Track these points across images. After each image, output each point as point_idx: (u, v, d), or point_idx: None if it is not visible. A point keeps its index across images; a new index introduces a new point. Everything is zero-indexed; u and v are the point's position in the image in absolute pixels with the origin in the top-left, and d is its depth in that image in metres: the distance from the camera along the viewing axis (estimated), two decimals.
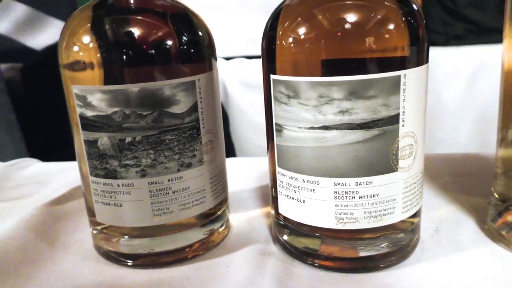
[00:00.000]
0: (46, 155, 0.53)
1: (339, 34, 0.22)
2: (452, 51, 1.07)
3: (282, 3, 0.25)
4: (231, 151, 1.05)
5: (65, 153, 0.46)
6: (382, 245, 0.25)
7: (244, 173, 0.42)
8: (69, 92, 0.25)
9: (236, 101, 1.09)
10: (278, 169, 0.26)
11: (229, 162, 0.45)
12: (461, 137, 1.05)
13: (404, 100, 0.23)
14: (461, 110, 1.04)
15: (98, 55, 0.24)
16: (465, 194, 0.34)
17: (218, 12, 1.10)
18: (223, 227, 0.30)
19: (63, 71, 0.26)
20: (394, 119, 0.23)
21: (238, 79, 1.08)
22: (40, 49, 1.02)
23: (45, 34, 1.03)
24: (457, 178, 0.37)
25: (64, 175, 0.42)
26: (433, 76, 1.04)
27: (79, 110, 0.25)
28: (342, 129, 0.23)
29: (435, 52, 1.07)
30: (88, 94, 0.24)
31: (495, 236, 0.28)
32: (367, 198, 0.24)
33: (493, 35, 1.00)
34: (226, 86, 1.09)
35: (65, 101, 0.26)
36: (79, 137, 0.26)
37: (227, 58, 1.13)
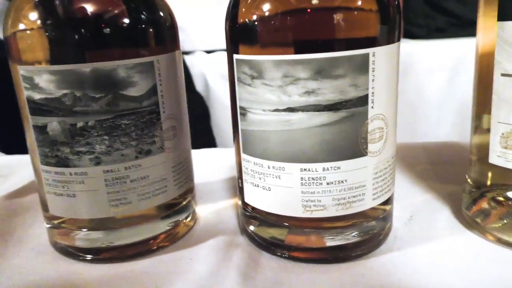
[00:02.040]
0: (18, 150, 0.51)
1: (304, 9, 0.21)
2: (434, 44, 1.07)
3: None
4: (212, 146, 1.03)
5: None
6: (353, 234, 0.24)
7: (215, 163, 0.40)
8: (16, 73, 0.23)
9: (218, 95, 1.07)
10: (243, 155, 0.24)
11: (200, 152, 0.43)
12: (443, 129, 1.05)
13: (373, 80, 0.22)
14: (443, 102, 1.05)
15: (46, 32, 0.22)
16: (440, 182, 0.33)
17: (199, 4, 1.08)
18: (189, 219, 0.29)
19: (9, 50, 0.24)
20: (362, 100, 0.22)
21: (220, 73, 1.06)
22: None
23: None
24: (433, 166, 0.36)
25: (26, 168, 0.40)
26: (414, 69, 1.04)
27: (26, 93, 0.23)
28: (308, 111, 0.21)
29: (416, 45, 1.06)
30: (35, 75, 0.22)
31: (470, 223, 0.27)
32: (335, 184, 0.22)
33: (474, 28, 0.99)
34: (207, 80, 1.07)
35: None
36: (28, 123, 0.24)
37: (208, 51, 1.11)
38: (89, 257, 0.26)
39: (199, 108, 1.05)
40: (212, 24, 1.03)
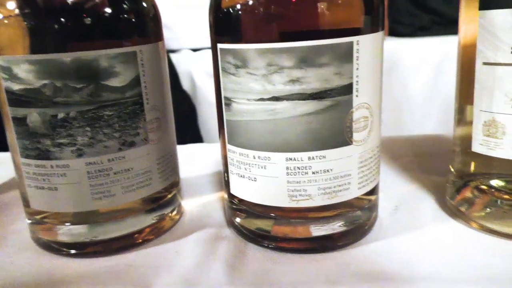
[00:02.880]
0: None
1: None
2: (418, 42, 1.08)
3: None
4: None
5: None
6: (339, 224, 0.24)
7: (201, 158, 0.40)
8: None
9: (205, 93, 1.06)
10: (228, 146, 0.24)
11: (186, 147, 0.43)
12: (428, 125, 1.07)
13: (357, 68, 0.22)
14: (428, 99, 1.06)
15: (24, 21, 0.22)
16: (425, 173, 0.33)
17: (185, 2, 1.08)
18: (175, 212, 0.28)
19: None
20: (347, 89, 0.22)
21: (206, 71, 1.06)
22: None
23: None
24: (417, 158, 0.37)
25: (6, 165, 0.39)
26: (399, 66, 1.05)
27: (4, 84, 0.22)
28: (292, 99, 0.21)
29: (401, 43, 1.08)
30: (14, 65, 0.22)
31: (454, 212, 0.27)
32: (321, 173, 0.22)
33: (458, 26, 1.01)
34: (194, 78, 1.07)
35: None
36: (8, 117, 0.23)
37: (195, 50, 1.10)
38: (73, 252, 0.25)
39: (186, 107, 1.05)
40: (198, 22, 1.03)
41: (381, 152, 0.26)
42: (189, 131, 1.04)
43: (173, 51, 1.09)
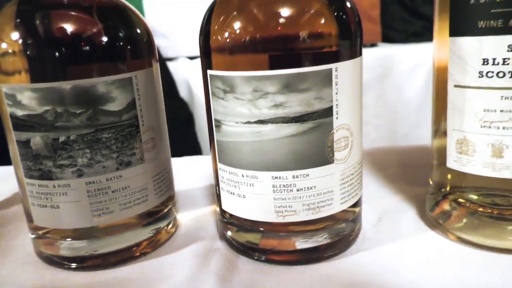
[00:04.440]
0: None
1: (273, 29, 0.23)
2: (412, 48, 1.10)
3: None
4: (197, 151, 1.04)
5: None
6: (324, 236, 0.26)
7: (196, 171, 0.41)
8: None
9: (202, 101, 1.08)
10: (219, 165, 0.26)
11: (181, 160, 0.45)
12: (423, 131, 1.08)
13: (337, 93, 0.23)
14: (422, 104, 1.08)
15: (27, 51, 0.23)
16: (408, 185, 0.35)
17: (182, 11, 1.10)
18: (170, 226, 0.30)
19: None
20: (327, 112, 0.23)
21: None
22: None
23: None
24: (403, 169, 0.38)
25: (10, 179, 0.41)
26: (393, 72, 1.07)
27: (9, 110, 0.24)
28: (277, 122, 0.23)
29: (394, 49, 1.09)
30: (17, 92, 0.23)
31: (433, 224, 0.29)
32: (305, 190, 0.24)
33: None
34: (191, 86, 1.09)
35: None
36: (11, 136, 0.25)
37: (192, 58, 1.12)
38: (73, 265, 0.27)
39: (183, 114, 1.06)
40: (195, 31, 1.04)
41: (365, 165, 0.27)
42: (187, 138, 1.06)
43: (170, 59, 1.11)
